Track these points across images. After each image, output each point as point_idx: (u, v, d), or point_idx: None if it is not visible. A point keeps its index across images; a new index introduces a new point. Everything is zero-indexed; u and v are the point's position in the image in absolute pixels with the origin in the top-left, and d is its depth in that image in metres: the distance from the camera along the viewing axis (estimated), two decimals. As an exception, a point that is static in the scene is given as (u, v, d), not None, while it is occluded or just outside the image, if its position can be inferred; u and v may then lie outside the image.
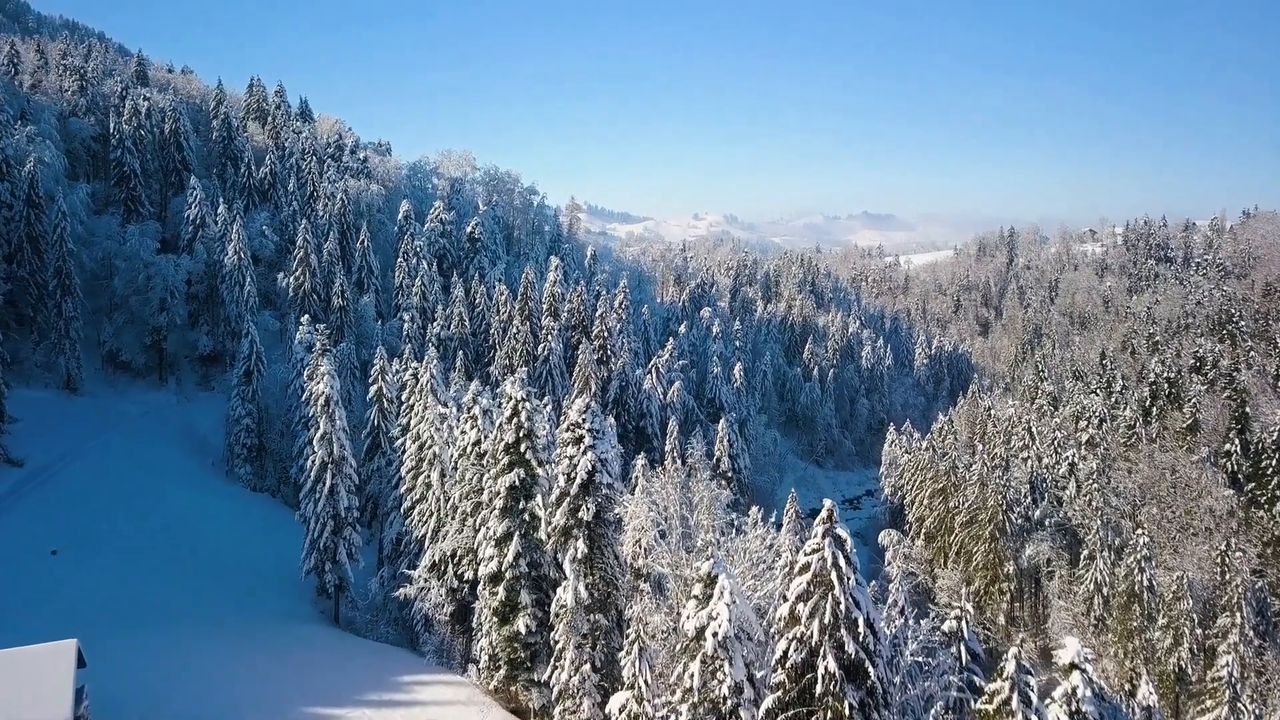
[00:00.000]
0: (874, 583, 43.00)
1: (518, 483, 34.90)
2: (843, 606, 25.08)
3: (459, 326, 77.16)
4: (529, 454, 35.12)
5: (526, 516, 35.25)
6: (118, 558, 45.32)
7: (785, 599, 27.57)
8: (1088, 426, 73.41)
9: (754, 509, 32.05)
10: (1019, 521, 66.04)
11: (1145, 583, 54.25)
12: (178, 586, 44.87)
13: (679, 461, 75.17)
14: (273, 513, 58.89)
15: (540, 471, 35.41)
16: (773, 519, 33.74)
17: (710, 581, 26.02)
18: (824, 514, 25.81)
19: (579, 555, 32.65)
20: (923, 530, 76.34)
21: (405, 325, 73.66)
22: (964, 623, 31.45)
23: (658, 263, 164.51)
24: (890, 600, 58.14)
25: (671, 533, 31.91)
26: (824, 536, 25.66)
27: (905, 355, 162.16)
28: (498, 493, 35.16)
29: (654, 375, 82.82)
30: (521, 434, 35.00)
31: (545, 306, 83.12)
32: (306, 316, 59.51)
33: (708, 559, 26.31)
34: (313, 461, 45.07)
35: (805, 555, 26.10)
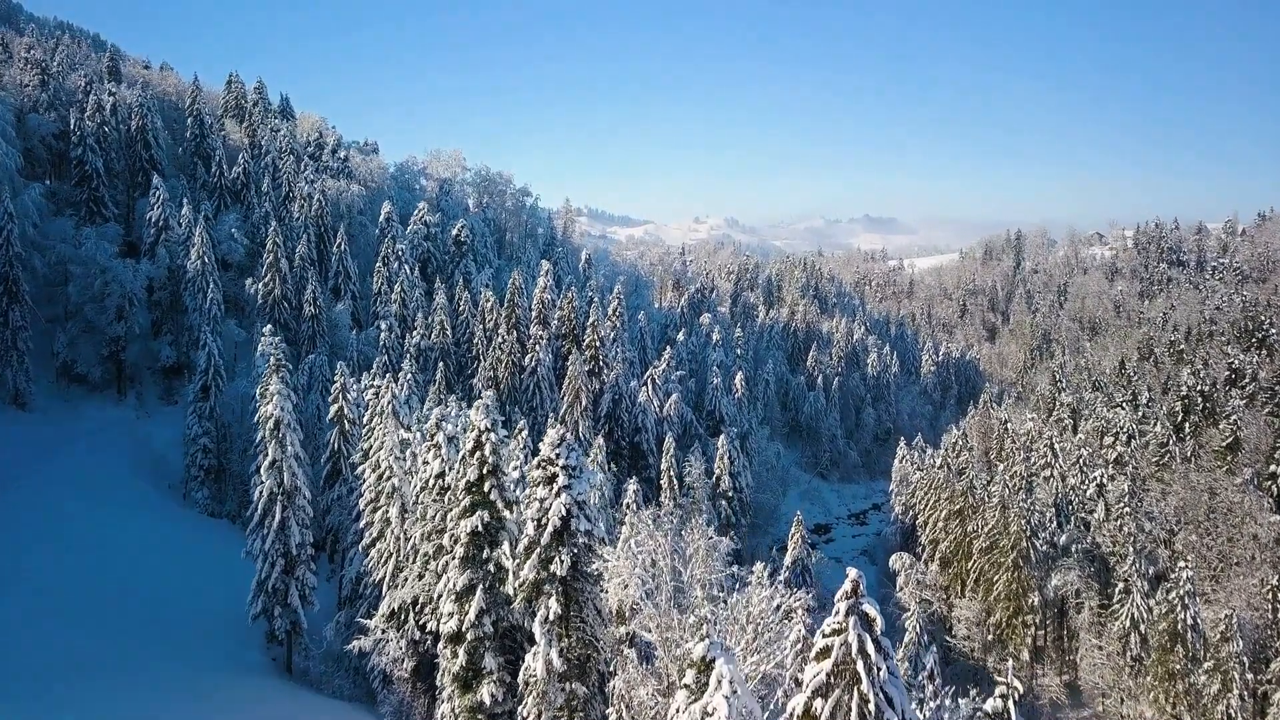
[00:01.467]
0: (898, 650, 38.12)
1: (481, 528, 29.84)
2: (872, 706, 19.86)
3: (440, 336, 72.07)
4: (494, 494, 30.05)
5: (492, 567, 30.19)
6: (39, 600, 40.18)
7: (798, 684, 22.54)
8: (1115, 443, 68.28)
9: (758, 565, 26.95)
10: (1044, 548, 60.89)
11: (1189, 621, 49.08)
12: (106, 633, 39.73)
13: (675, 482, 70.22)
14: (230, 542, 53.52)
15: (508, 515, 30.35)
16: (779, 575, 28.42)
17: (705, 667, 20.94)
18: (848, 586, 20.63)
19: (551, 616, 27.61)
20: (937, 554, 71.19)
21: (382, 335, 68.58)
22: (1009, 703, 26.44)
23: (656, 266, 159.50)
24: (906, 640, 53.15)
25: (661, 590, 26.83)
26: (848, 615, 20.46)
27: (911, 362, 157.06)
28: (458, 539, 30.11)
29: (649, 387, 77.75)
30: (486, 470, 29.93)
31: (534, 314, 77.99)
32: (269, 326, 54.41)
33: (702, 638, 21.24)
34: (260, 492, 40.02)
35: (825, 636, 20.91)
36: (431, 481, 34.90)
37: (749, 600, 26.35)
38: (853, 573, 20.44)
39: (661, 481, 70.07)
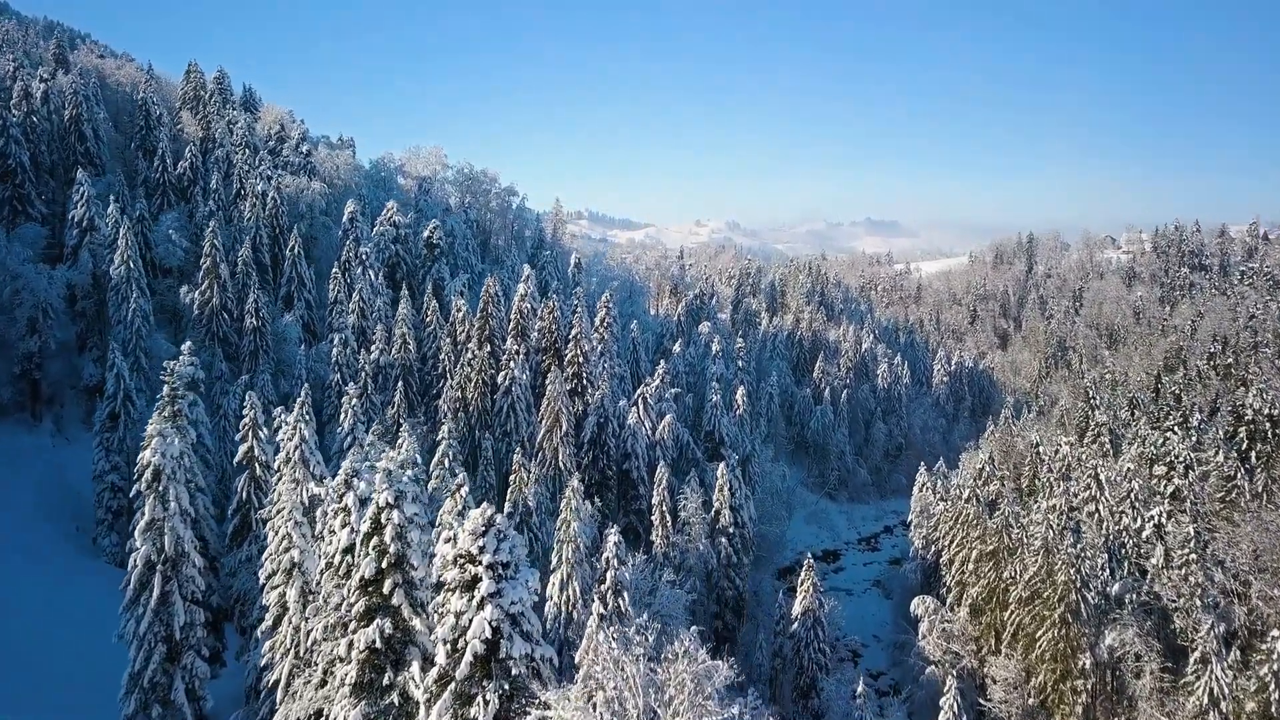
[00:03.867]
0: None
1: (380, 643, 21.40)
2: None
3: (402, 351, 63.64)
4: (399, 596, 21.62)
5: (396, 697, 21.73)
6: None
7: None
8: (1171, 475, 59.76)
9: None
10: (1095, 599, 52.36)
11: (1285, 702, 40.67)
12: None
13: (669, 518, 61.77)
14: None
15: (418, 624, 21.88)
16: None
17: None
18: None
19: (472, 781, 19.13)
20: (966, 599, 62.59)
21: (335, 350, 60.19)
22: None
23: (652, 271, 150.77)
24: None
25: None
26: None
27: (922, 372, 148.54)
28: (349, 657, 21.69)
29: (640, 407, 69.25)
30: (388, 563, 21.51)
31: (511, 325, 69.59)
32: (188, 344, 46.01)
33: None
34: (134, 560, 31.62)
35: None
36: (337, 559, 26.43)
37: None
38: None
39: (653, 517, 61.67)
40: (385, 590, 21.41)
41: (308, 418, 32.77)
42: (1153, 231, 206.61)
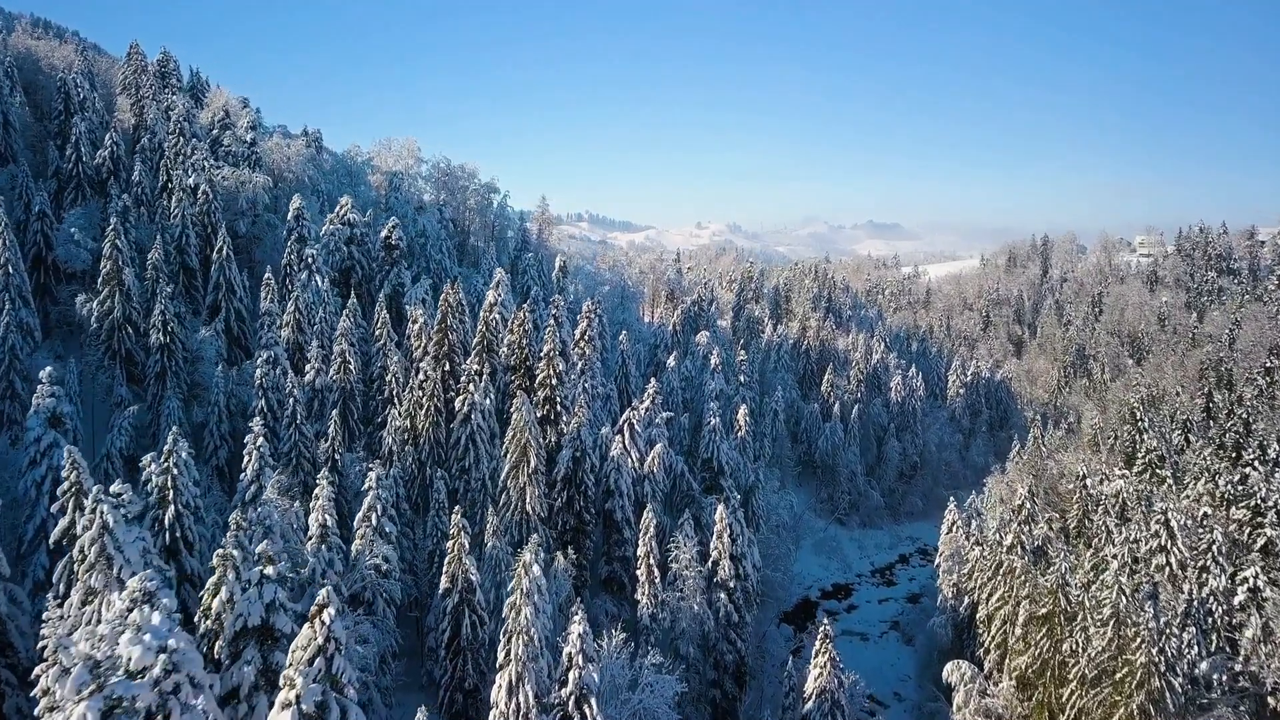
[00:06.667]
0: None
1: None
2: None
3: (341, 371, 53.76)
4: None
5: None
6: None
7: None
8: (1259, 521, 49.91)
9: None
10: (1180, 682, 42.54)
11: None
12: None
13: (657, 572, 51.95)
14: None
15: None
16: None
17: None
18: None
19: None
20: (1011, 667, 52.72)
21: (259, 371, 50.38)
22: None
23: (647, 275, 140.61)
24: None
25: None
26: None
27: (936, 383, 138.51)
28: None
29: (626, 435, 59.35)
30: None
31: (477, 339, 59.77)
32: (49, 369, 36.29)
33: None
34: None
35: None
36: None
37: None
38: None
39: (639, 570, 51.84)
40: None
41: (120, 493, 22.91)
42: (1175, 234, 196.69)
